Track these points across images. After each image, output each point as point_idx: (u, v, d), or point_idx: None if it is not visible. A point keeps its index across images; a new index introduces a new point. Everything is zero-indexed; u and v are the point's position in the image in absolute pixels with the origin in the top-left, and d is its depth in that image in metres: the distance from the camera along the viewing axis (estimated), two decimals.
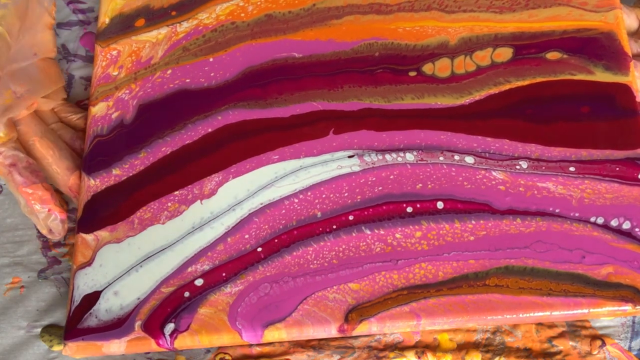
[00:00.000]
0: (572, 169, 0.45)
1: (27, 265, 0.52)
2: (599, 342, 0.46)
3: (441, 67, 0.49)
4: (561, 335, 0.46)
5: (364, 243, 0.45)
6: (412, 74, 0.49)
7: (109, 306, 0.46)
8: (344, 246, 0.45)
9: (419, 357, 0.47)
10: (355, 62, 0.50)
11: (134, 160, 0.50)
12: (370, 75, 0.50)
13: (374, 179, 0.47)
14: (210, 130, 0.50)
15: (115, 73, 0.53)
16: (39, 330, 0.50)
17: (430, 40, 0.50)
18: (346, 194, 0.47)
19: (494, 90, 0.48)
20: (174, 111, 0.51)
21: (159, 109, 0.51)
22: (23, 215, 0.53)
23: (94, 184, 0.50)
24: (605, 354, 0.46)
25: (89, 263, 0.48)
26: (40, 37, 0.54)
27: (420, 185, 0.46)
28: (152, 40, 0.54)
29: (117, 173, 0.50)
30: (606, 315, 0.43)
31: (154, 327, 0.45)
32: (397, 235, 0.45)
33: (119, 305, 0.46)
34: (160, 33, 0.54)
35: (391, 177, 0.47)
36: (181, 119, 0.51)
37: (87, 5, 0.59)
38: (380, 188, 0.46)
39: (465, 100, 0.48)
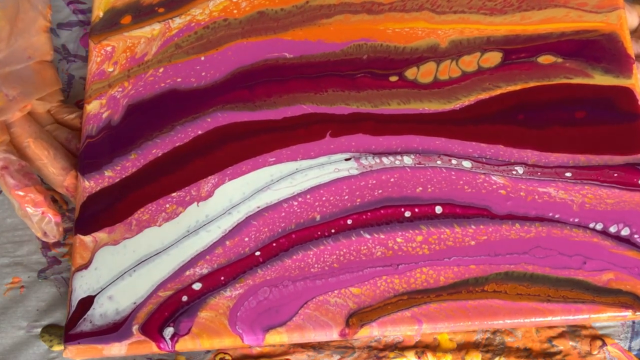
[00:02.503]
0: (568, 174, 0.45)
1: (27, 265, 0.52)
2: (599, 342, 0.46)
3: (424, 73, 0.48)
4: (561, 335, 0.47)
5: (365, 247, 0.45)
6: (393, 79, 0.49)
7: (103, 311, 0.46)
8: (344, 250, 0.45)
9: (419, 357, 0.47)
10: (342, 64, 0.50)
11: (124, 162, 0.50)
12: (351, 80, 0.49)
13: (374, 181, 0.46)
14: (200, 132, 0.49)
15: (110, 69, 0.52)
16: (39, 330, 0.50)
17: (420, 43, 0.49)
18: (346, 197, 0.46)
19: (484, 96, 0.47)
20: (161, 113, 0.50)
21: (147, 110, 0.51)
22: None
23: (89, 185, 0.49)
24: (605, 354, 0.46)
25: (86, 265, 0.47)
26: (35, 40, 0.53)
27: (421, 188, 0.46)
28: (147, 36, 0.53)
29: (110, 175, 0.49)
30: (606, 320, 0.43)
31: (151, 332, 0.45)
32: (398, 240, 0.45)
33: (115, 309, 0.46)
34: (154, 29, 0.53)
35: (392, 180, 0.46)
36: (169, 121, 0.50)
37: (87, 5, 0.58)
38: (380, 191, 0.46)
39: (455, 105, 0.47)
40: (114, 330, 0.46)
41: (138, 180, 0.49)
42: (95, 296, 0.47)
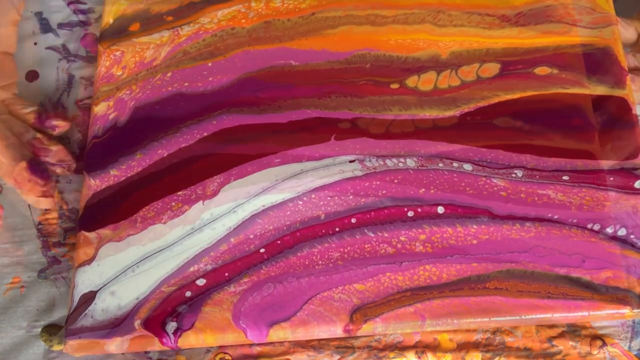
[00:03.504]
0: (566, 177, 0.47)
1: (27, 265, 0.52)
2: (599, 342, 0.47)
3: (425, 81, 0.50)
4: (561, 335, 0.47)
5: (369, 245, 0.46)
6: (395, 86, 0.50)
7: (105, 306, 0.46)
8: (349, 248, 0.46)
9: (419, 357, 0.47)
10: (345, 72, 0.51)
11: (130, 161, 0.50)
12: (354, 87, 0.50)
13: (378, 182, 0.48)
14: (205, 134, 0.50)
15: (119, 73, 0.53)
16: (39, 330, 0.50)
17: (421, 54, 0.51)
18: (351, 197, 0.47)
19: (482, 104, 0.49)
20: (167, 115, 0.51)
21: (153, 112, 0.52)
22: (23, 215, 0.53)
23: (94, 183, 0.50)
24: (605, 354, 0.47)
25: (89, 261, 0.48)
26: (4, 32, 0.54)
27: (423, 189, 0.47)
28: (156, 42, 0.54)
29: (115, 173, 0.50)
30: (605, 318, 0.44)
31: (154, 326, 0.45)
32: (402, 238, 0.46)
33: (117, 305, 0.46)
34: (163, 36, 0.54)
35: (395, 181, 0.47)
36: (174, 123, 0.51)
37: (87, 5, 0.59)
38: (384, 192, 0.47)
39: (455, 112, 0.49)
40: (116, 325, 0.46)
41: (143, 179, 0.50)
42: (97, 291, 0.47)
